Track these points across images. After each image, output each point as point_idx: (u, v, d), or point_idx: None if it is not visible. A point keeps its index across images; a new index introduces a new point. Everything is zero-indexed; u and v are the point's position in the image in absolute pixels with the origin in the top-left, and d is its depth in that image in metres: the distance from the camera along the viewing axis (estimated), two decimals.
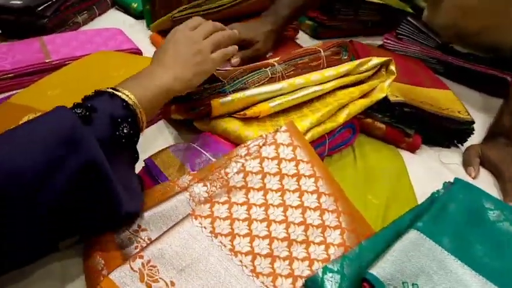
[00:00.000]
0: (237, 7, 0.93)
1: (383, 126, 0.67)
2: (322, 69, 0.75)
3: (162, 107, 0.71)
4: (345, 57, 0.78)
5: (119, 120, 0.42)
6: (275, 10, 0.85)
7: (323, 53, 0.74)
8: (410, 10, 1.14)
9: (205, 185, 0.49)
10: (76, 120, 0.37)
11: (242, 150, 0.52)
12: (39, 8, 0.91)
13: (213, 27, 0.59)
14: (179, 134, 0.70)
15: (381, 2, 1.07)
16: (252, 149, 0.51)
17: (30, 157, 0.33)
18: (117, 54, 0.78)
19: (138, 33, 1.04)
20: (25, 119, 0.56)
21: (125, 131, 0.42)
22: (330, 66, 0.76)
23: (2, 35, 0.96)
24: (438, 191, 0.56)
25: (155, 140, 0.68)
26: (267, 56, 0.80)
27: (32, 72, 0.77)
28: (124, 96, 0.44)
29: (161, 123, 0.72)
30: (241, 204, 0.46)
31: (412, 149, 0.68)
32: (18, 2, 0.92)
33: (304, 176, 0.48)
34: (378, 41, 1.07)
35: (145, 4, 1.04)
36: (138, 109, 0.44)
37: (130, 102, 0.44)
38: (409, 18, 0.95)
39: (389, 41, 0.97)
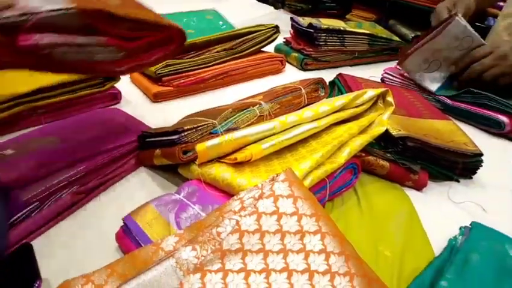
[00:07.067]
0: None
1: (386, 163, 0.62)
2: (304, 106, 0.71)
3: (141, 152, 0.63)
4: (322, 94, 0.78)
5: None
6: None
7: (303, 90, 0.72)
8: (397, 39, 1.12)
9: (194, 249, 0.41)
10: None
11: (235, 204, 0.45)
12: None
13: None
14: (169, 182, 0.62)
15: (367, 31, 1.05)
16: (247, 203, 0.45)
17: None
18: None
19: None
20: None
21: None
22: (311, 103, 0.73)
23: None
24: (455, 237, 0.50)
25: (140, 190, 0.60)
26: None
27: None
28: None
29: (142, 174, 0.64)
30: (238, 272, 0.39)
31: (419, 187, 0.62)
32: None
33: (309, 233, 0.42)
34: (365, 71, 1.04)
35: None
36: None
37: None
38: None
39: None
